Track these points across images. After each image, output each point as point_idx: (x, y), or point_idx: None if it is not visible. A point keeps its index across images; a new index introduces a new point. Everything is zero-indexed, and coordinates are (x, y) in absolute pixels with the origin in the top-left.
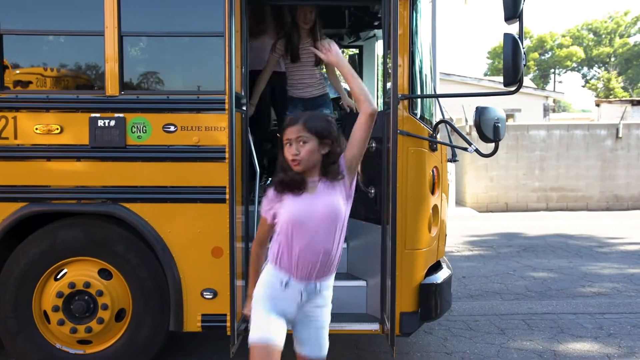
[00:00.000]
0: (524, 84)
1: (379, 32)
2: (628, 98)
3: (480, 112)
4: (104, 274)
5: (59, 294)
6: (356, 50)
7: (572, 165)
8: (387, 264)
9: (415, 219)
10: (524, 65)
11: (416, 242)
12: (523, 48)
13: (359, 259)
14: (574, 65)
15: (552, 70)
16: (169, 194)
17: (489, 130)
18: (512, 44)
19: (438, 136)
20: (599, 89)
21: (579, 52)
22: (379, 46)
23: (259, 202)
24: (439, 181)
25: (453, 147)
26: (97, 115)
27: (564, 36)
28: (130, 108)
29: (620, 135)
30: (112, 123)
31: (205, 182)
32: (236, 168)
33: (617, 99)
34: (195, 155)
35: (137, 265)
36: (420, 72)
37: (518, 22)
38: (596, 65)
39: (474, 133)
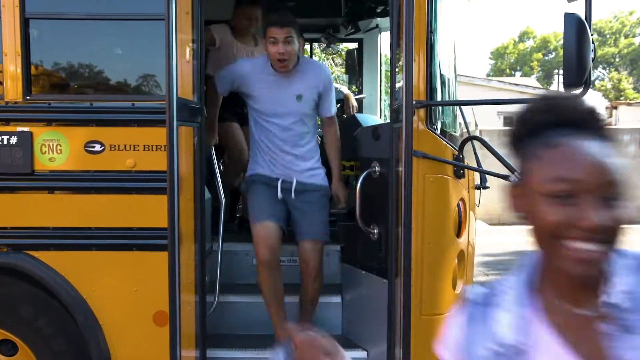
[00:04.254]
0: (534, 85)
1: (382, 22)
2: None
3: None
4: (6, 347)
5: None
6: (355, 45)
7: None
8: (397, 333)
9: (435, 272)
10: (593, 59)
11: (436, 305)
12: (592, 34)
13: (358, 319)
14: None
15: (556, 70)
16: (94, 238)
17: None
18: (576, 29)
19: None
20: (608, 90)
21: None
22: (382, 39)
23: (223, 240)
24: (467, 218)
25: (487, 174)
26: None
27: None
28: (39, 119)
29: None
30: (14, 140)
31: (144, 222)
32: (182, 202)
33: (637, 101)
34: (129, 184)
35: (51, 335)
36: (441, 71)
37: (585, 0)
38: (600, 65)
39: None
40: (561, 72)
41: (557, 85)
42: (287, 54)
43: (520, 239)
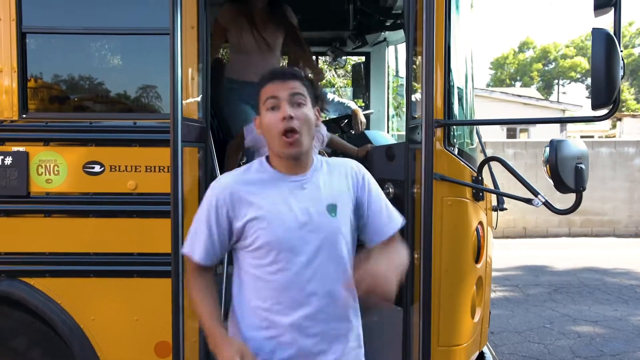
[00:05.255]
0: (537, 97)
1: (391, 35)
2: None
3: (556, 147)
4: None
5: None
6: (362, 58)
7: (597, 187)
8: None
9: (453, 301)
10: (622, 76)
11: (454, 336)
12: (621, 51)
13: (369, 348)
14: (578, 76)
15: (556, 81)
16: (92, 264)
17: (568, 174)
18: (605, 45)
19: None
20: None
21: (583, 63)
22: (390, 53)
23: (229, 263)
24: (485, 243)
25: (509, 197)
26: None
27: (567, 47)
28: (35, 139)
29: None
30: (9, 161)
31: (146, 248)
32: (186, 227)
33: None
34: (131, 207)
35: None
36: (459, 88)
37: (613, 14)
38: None
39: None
40: (561, 82)
41: (557, 96)
42: (298, 119)
43: (522, 253)
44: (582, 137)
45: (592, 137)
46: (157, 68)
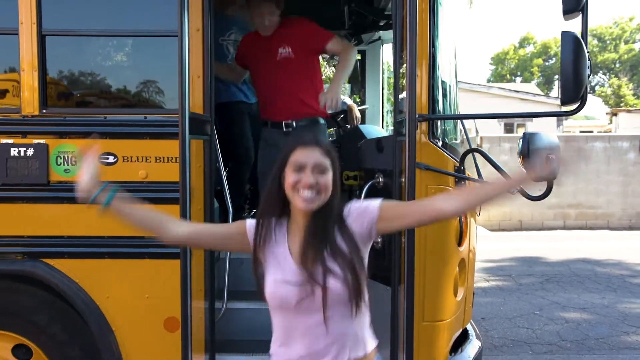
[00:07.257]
0: (534, 92)
1: (385, 34)
2: None
3: (528, 140)
4: (21, 351)
5: None
6: (358, 56)
7: (591, 180)
8: (400, 338)
9: (436, 280)
10: (589, 75)
11: (438, 312)
12: (588, 52)
13: None
14: None
15: (556, 76)
16: (107, 247)
17: (540, 164)
18: (573, 47)
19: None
20: (608, 96)
21: None
22: (385, 50)
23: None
24: (467, 227)
25: None
26: (9, 141)
27: None
28: (55, 132)
29: None
30: (30, 152)
31: None
32: (193, 212)
33: (637, 108)
34: (142, 195)
35: (66, 341)
36: (443, 84)
37: (581, 18)
38: (601, 71)
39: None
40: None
41: (558, 91)
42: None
43: (517, 244)
44: (581, 131)
45: (592, 132)
46: (166, 67)
